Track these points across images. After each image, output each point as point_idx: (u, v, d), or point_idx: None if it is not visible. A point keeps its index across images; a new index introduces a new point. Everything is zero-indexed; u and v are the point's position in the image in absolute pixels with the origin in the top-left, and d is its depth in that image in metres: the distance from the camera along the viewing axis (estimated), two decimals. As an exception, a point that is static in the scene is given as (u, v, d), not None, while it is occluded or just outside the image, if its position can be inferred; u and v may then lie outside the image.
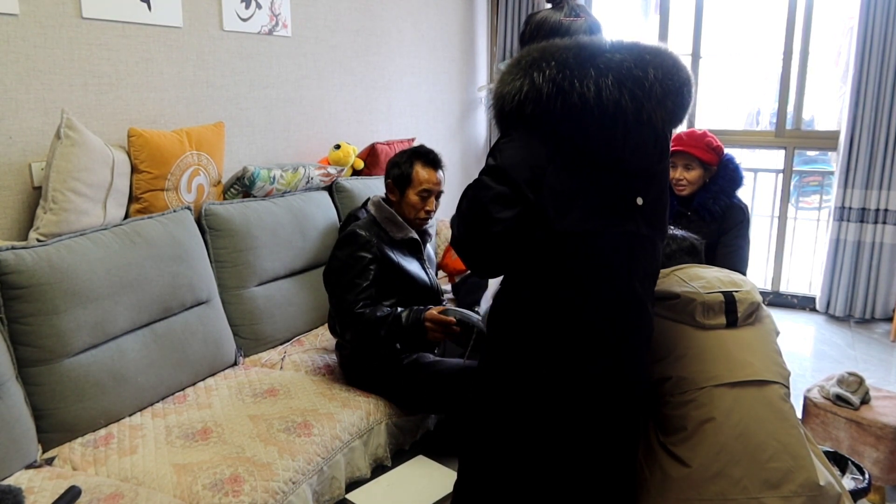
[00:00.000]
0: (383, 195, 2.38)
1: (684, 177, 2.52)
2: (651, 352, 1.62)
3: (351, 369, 2.26)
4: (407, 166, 2.28)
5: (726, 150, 2.60)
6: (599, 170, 1.34)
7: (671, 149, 2.56)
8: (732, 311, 1.63)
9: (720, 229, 2.51)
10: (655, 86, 1.29)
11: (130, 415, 1.99)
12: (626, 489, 1.57)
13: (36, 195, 2.05)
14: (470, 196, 1.39)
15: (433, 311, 2.08)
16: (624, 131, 1.32)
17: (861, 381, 2.30)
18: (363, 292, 2.13)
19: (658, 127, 1.34)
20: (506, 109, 1.33)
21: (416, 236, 2.32)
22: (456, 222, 1.44)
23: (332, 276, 2.19)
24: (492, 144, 1.41)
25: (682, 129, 3.86)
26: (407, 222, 2.30)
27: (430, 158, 2.31)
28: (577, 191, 1.33)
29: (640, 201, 1.38)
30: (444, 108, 4.22)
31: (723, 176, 2.52)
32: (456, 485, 1.62)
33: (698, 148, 2.48)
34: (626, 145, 1.34)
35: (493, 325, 1.52)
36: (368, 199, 2.39)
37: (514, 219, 1.33)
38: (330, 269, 2.21)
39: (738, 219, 2.51)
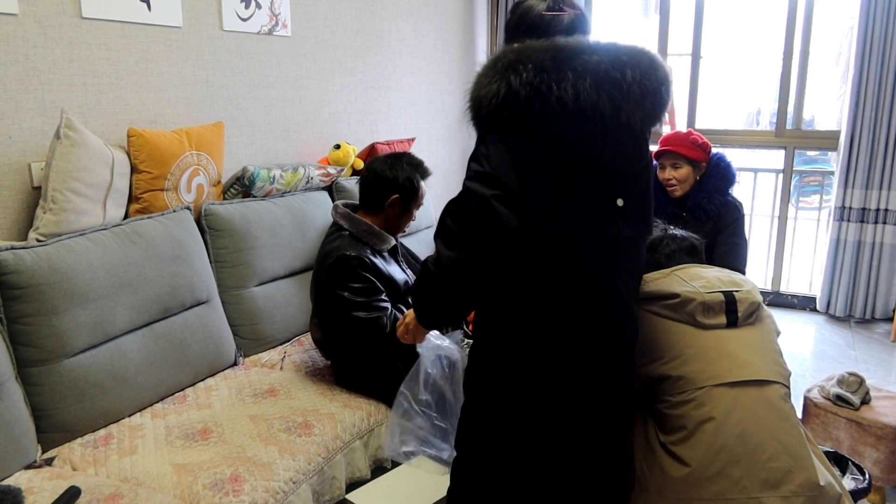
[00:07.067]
0: (346, 204, 2.26)
1: (673, 176, 2.53)
2: (651, 351, 1.63)
3: (348, 381, 2.24)
4: (416, 183, 2.20)
5: (718, 149, 2.62)
6: (579, 173, 1.33)
7: (658, 150, 2.60)
8: (733, 311, 1.63)
9: (716, 228, 2.52)
10: (633, 87, 1.28)
11: (130, 415, 1.99)
12: (616, 490, 1.56)
13: (35, 195, 2.05)
14: (461, 208, 1.32)
15: None
16: (602, 133, 1.30)
17: (861, 382, 2.30)
18: (385, 305, 2.10)
19: (637, 127, 1.33)
20: (483, 113, 1.31)
21: (395, 243, 2.29)
22: (448, 245, 1.33)
23: (349, 311, 2.08)
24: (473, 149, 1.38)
25: (673, 129, 3.86)
26: (388, 232, 2.23)
27: (426, 170, 2.26)
28: (558, 195, 1.32)
29: (620, 202, 1.36)
30: (444, 108, 4.22)
31: (715, 175, 2.54)
32: (449, 489, 1.62)
33: (684, 146, 2.50)
34: (605, 147, 1.32)
35: (479, 331, 1.50)
36: (335, 208, 2.25)
37: (511, 220, 1.28)
38: (342, 305, 2.08)
39: (733, 216, 2.52)
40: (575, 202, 1.33)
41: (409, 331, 1.63)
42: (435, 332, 2.03)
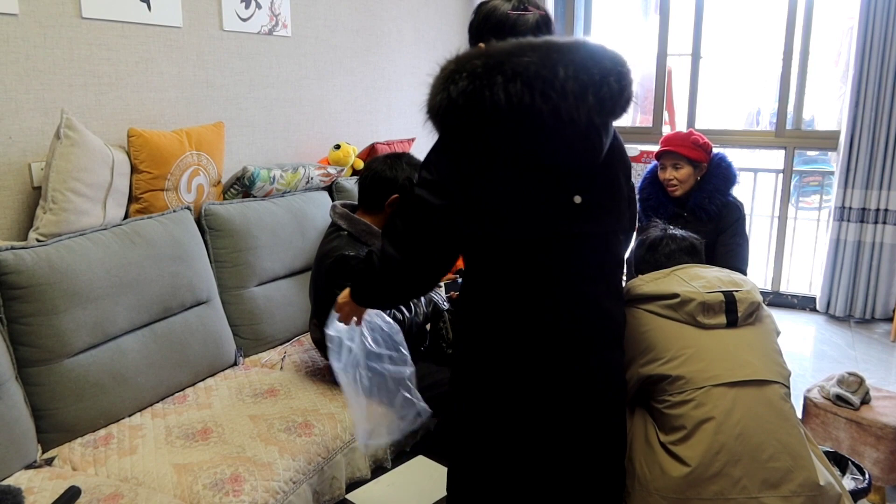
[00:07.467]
0: (344, 204, 2.27)
1: (674, 176, 2.53)
2: (651, 351, 1.63)
3: None
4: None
5: (718, 150, 2.62)
6: (528, 174, 1.33)
7: (659, 150, 2.60)
8: (733, 311, 1.63)
9: (717, 228, 2.52)
10: (569, 83, 1.24)
11: (130, 415, 1.99)
12: (610, 492, 1.55)
13: (36, 195, 2.05)
14: (411, 214, 1.38)
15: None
16: (543, 133, 1.30)
17: (861, 382, 2.30)
18: None
19: (582, 122, 1.28)
20: (435, 122, 1.35)
21: None
22: (393, 244, 1.39)
23: None
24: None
25: (673, 129, 3.85)
26: None
27: None
28: (510, 198, 1.33)
29: (578, 200, 1.35)
30: (444, 108, 4.21)
31: (716, 175, 2.54)
32: (447, 490, 1.62)
33: (684, 146, 2.50)
34: (550, 147, 1.32)
35: (457, 333, 1.53)
36: (333, 209, 2.26)
37: (460, 229, 1.35)
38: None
39: (734, 216, 2.53)
40: (528, 203, 1.33)
41: (346, 311, 1.63)
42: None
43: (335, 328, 1.72)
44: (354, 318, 1.67)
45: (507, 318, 1.39)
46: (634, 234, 1.73)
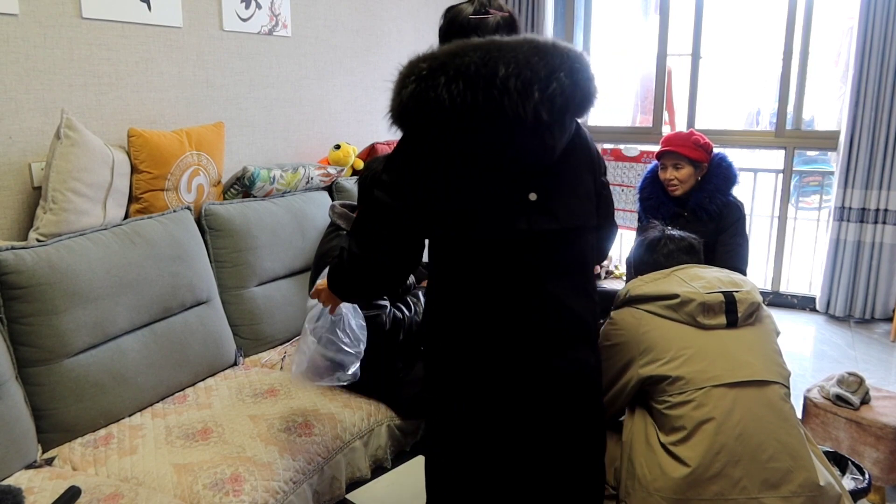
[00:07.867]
0: (343, 204, 2.30)
1: (675, 176, 2.54)
2: (651, 352, 1.63)
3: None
4: None
5: (718, 150, 2.62)
6: (481, 174, 1.34)
7: (660, 150, 2.60)
8: (733, 311, 1.63)
9: (717, 228, 2.52)
10: (511, 80, 1.23)
11: (130, 415, 1.99)
12: (588, 492, 1.55)
13: (36, 195, 2.05)
14: (370, 214, 1.41)
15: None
16: (491, 132, 1.30)
17: (861, 382, 2.30)
18: (384, 304, 2.10)
19: (529, 120, 1.27)
20: (394, 125, 1.37)
21: None
22: (358, 243, 1.43)
23: None
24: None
25: (673, 129, 3.86)
26: None
27: None
28: (464, 197, 1.34)
29: (533, 197, 1.35)
30: (444, 108, 4.21)
31: (717, 175, 2.54)
32: (426, 488, 1.62)
33: (685, 147, 2.50)
34: (499, 145, 1.31)
35: (423, 329, 1.55)
36: (332, 208, 2.29)
37: (416, 229, 1.38)
38: None
39: (734, 216, 2.53)
40: (484, 203, 1.34)
41: (323, 297, 1.70)
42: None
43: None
44: (330, 306, 1.74)
45: (471, 317, 1.40)
46: (617, 230, 1.71)
